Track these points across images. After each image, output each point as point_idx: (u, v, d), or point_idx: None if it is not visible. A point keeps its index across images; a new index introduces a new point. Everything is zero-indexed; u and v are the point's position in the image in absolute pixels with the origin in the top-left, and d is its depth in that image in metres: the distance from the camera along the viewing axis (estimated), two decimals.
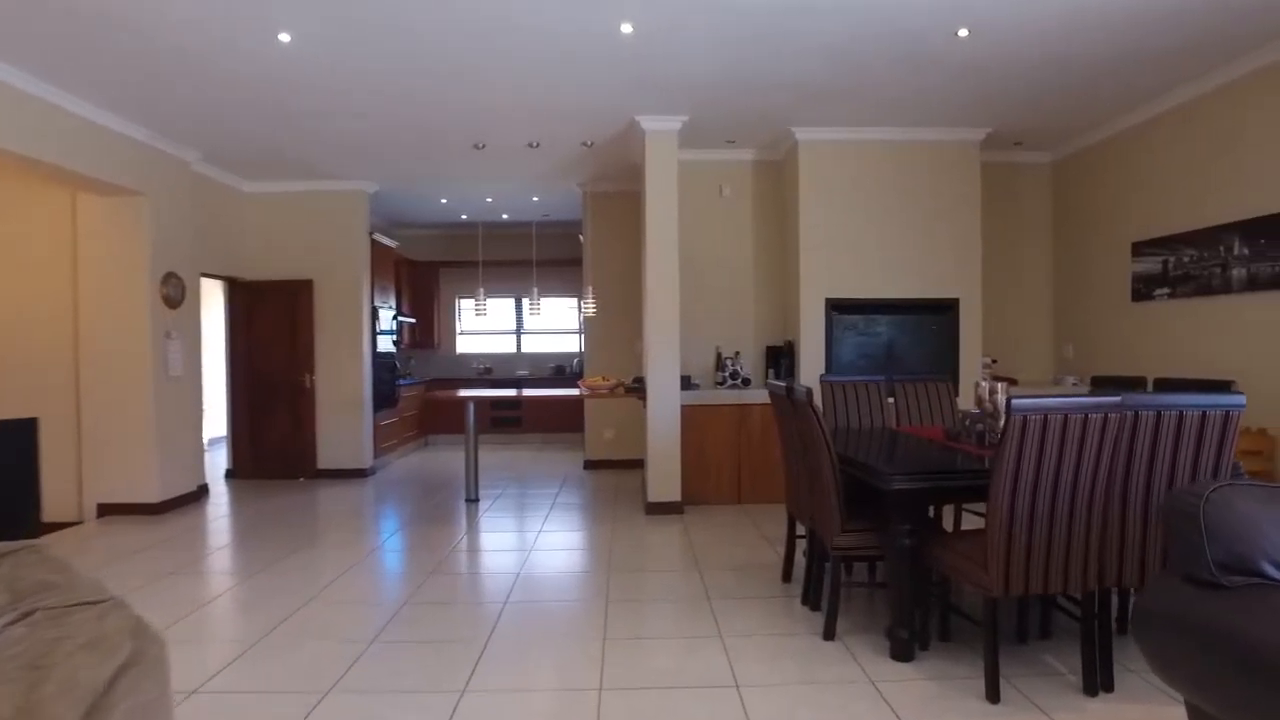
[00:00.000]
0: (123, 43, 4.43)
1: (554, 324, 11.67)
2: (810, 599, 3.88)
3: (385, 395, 9.12)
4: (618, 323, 8.53)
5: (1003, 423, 3.62)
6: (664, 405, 6.16)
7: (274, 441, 8.30)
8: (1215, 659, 1.75)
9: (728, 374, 6.72)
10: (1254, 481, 1.89)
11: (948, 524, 4.68)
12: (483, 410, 10.84)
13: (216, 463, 8.83)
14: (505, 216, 10.22)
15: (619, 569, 4.67)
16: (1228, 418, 2.77)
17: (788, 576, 4.33)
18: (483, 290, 7.53)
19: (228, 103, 5.51)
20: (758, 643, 3.45)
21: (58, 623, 1.54)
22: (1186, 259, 5.60)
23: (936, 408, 4.90)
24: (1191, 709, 1.94)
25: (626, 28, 4.35)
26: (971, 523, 5.10)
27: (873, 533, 3.43)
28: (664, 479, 6.17)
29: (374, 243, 8.64)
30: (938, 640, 3.39)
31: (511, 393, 8.12)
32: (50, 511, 6.11)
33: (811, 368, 6.45)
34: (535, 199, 9.12)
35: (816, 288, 6.49)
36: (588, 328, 8.73)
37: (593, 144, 6.71)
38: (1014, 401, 2.66)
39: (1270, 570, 1.73)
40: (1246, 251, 5.09)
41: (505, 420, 11.02)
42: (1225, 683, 1.74)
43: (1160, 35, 4.59)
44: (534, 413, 10.99)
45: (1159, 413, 2.77)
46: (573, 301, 11.35)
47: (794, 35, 4.53)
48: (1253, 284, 5.05)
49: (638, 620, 3.78)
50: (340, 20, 4.22)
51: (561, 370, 11.38)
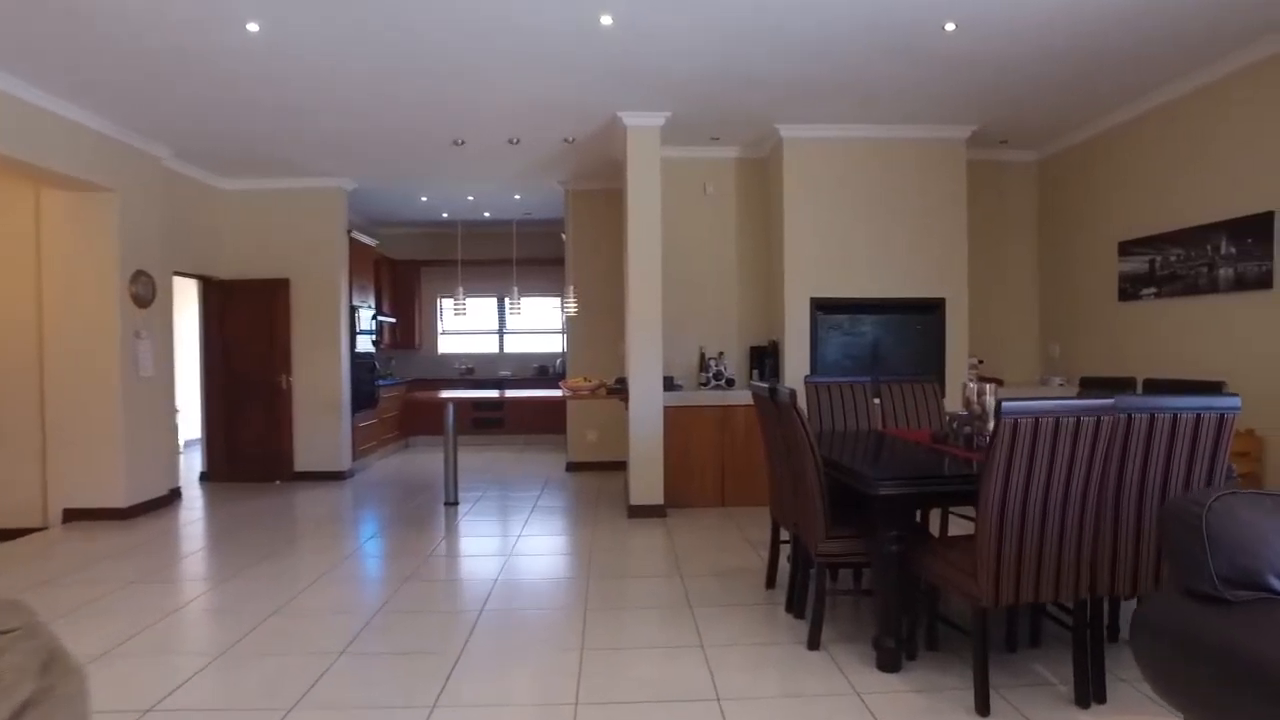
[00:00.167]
0: (85, 32, 4.28)
1: (537, 324, 11.54)
2: (794, 606, 3.78)
3: (364, 396, 8.97)
4: (601, 323, 8.42)
5: (991, 425, 3.55)
6: (646, 406, 6.05)
7: (250, 444, 8.14)
8: (1218, 678, 1.66)
9: (711, 374, 6.62)
10: (1259, 490, 1.80)
11: (934, 527, 4.60)
12: (464, 411, 10.70)
13: (191, 465, 8.66)
14: (487, 215, 10.08)
15: (599, 575, 4.55)
16: (1222, 420, 2.69)
17: (771, 582, 4.23)
18: (462, 289, 7.40)
19: (198, 96, 5.35)
20: (740, 653, 3.34)
21: None
22: (1173, 258, 5.55)
23: (923, 409, 4.81)
24: None
25: (606, 19, 4.24)
26: (958, 525, 5.03)
27: (859, 539, 3.34)
28: (646, 481, 6.06)
29: (353, 241, 8.49)
30: (925, 650, 3.29)
31: (493, 394, 7.98)
32: (12, 517, 5.94)
33: (796, 368, 6.36)
34: (517, 197, 8.98)
35: (801, 287, 6.40)
36: (570, 328, 8.62)
37: (574, 140, 6.59)
38: (1004, 404, 2.57)
39: (1277, 584, 1.65)
40: (1233, 251, 5.04)
41: (487, 421, 10.88)
42: (1228, 703, 1.65)
43: (1147, 32, 4.52)
44: (516, 414, 10.86)
45: (1152, 415, 2.69)
46: (556, 301, 11.21)
47: (778, 28, 4.43)
48: (1239, 283, 5.00)
49: (617, 629, 3.67)
50: (308, 9, 4.08)
51: (545, 371, 11.25)
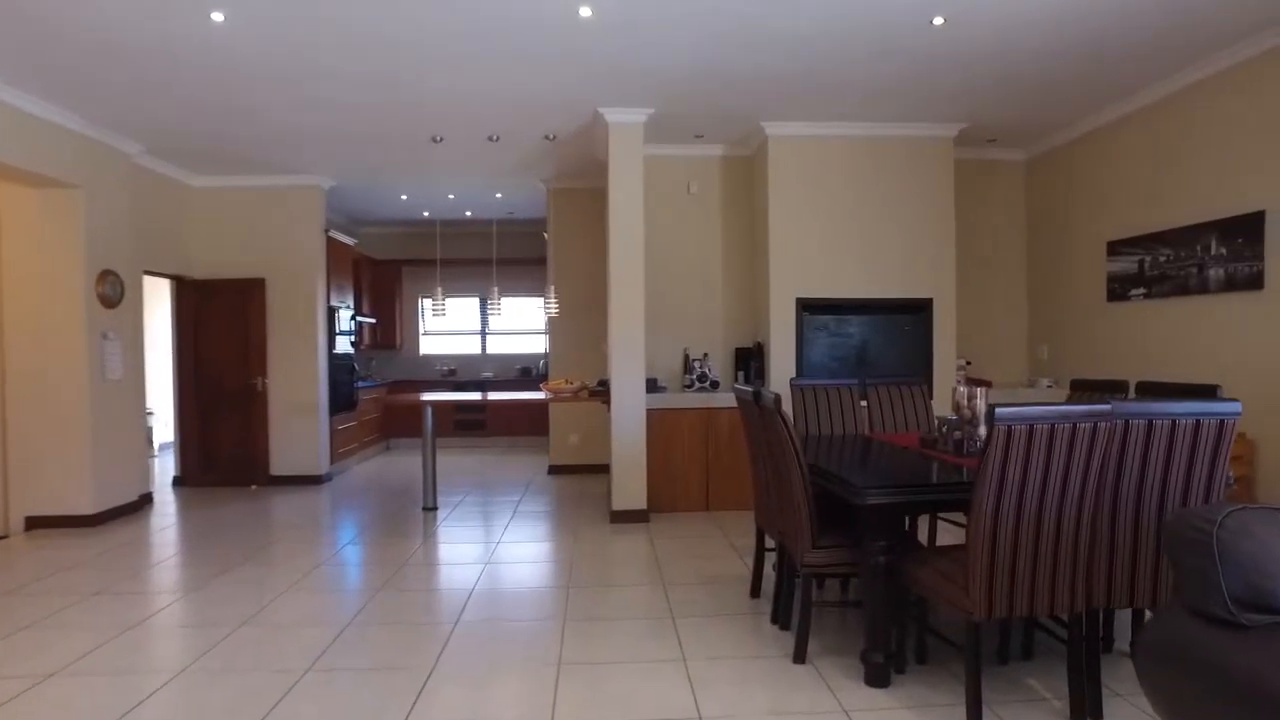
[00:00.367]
0: (41, 20, 4.10)
1: (520, 324, 11.39)
2: (780, 617, 3.66)
3: (343, 398, 8.79)
4: (584, 323, 8.29)
5: (982, 429, 3.45)
6: (628, 409, 5.92)
7: (224, 447, 7.95)
8: (1231, 706, 1.55)
9: (695, 376, 6.50)
10: (1273, 506, 1.69)
11: (922, 532, 4.50)
12: (446, 413, 10.54)
13: (166, 469, 8.45)
14: (468, 214, 9.92)
15: (579, 584, 4.42)
16: (1222, 427, 2.59)
17: (756, 591, 4.11)
18: (440, 289, 7.23)
19: (163, 90, 5.17)
20: (723, 667, 3.22)
21: None
22: (1163, 259, 5.47)
23: (911, 412, 4.71)
24: None
25: (585, 11, 4.10)
26: (947, 531, 4.93)
27: (846, 549, 3.22)
28: (629, 486, 5.93)
29: (330, 240, 8.30)
30: (915, 663, 3.18)
31: (475, 396, 7.83)
32: None
33: (781, 369, 6.25)
34: (498, 195, 8.83)
35: (787, 287, 6.29)
36: (552, 328, 8.48)
37: (555, 137, 6.45)
38: (997, 410, 2.45)
39: None
40: (1224, 251, 4.97)
41: (469, 423, 10.72)
42: None
43: (1137, 27, 4.43)
44: (498, 416, 10.70)
45: (1150, 421, 2.59)
46: (539, 301, 11.07)
47: (763, 21, 4.31)
48: (1230, 284, 4.93)
49: (597, 642, 3.54)
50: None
51: (528, 372, 11.10)
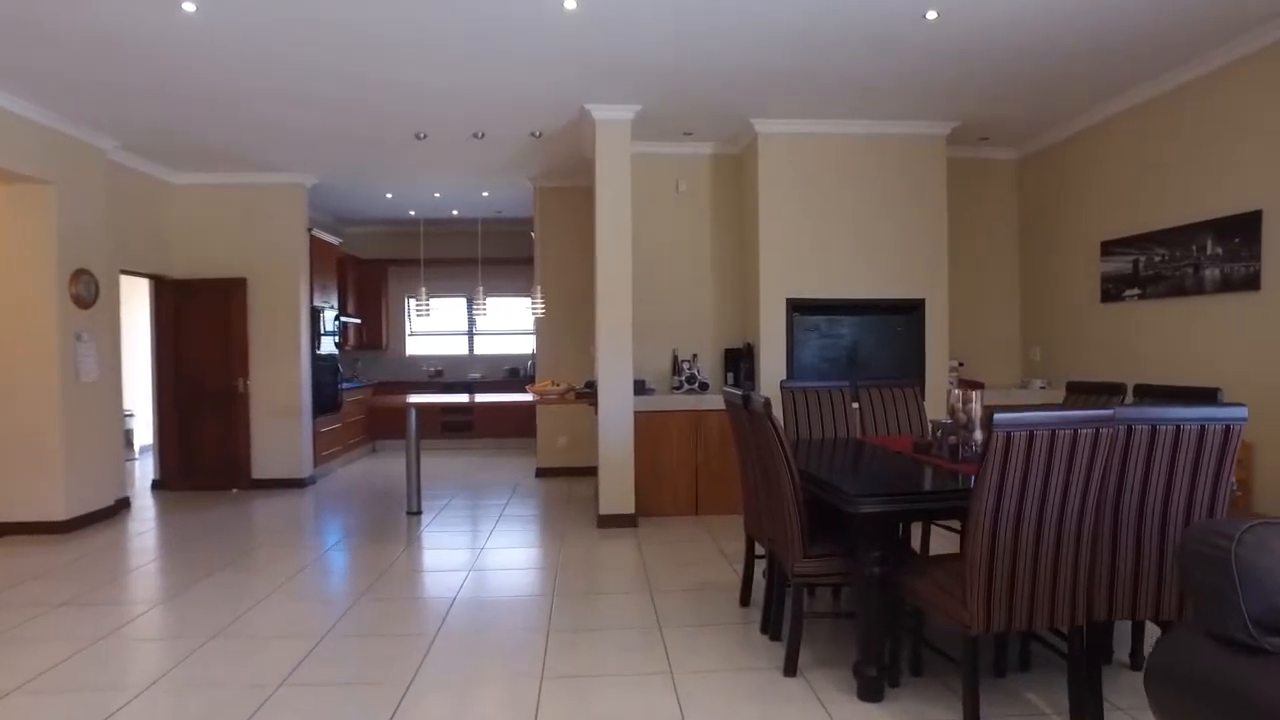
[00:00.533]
0: (4, 8, 3.96)
1: (508, 325, 11.26)
2: (770, 627, 3.55)
3: (327, 400, 8.65)
4: (571, 324, 8.17)
5: (978, 433, 3.35)
6: (616, 411, 5.81)
7: (205, 450, 7.79)
8: None
9: (684, 378, 6.39)
10: None
11: (915, 537, 4.40)
12: (433, 415, 10.40)
13: (145, 473, 8.29)
14: (455, 213, 9.78)
15: (565, 592, 4.31)
16: (1228, 433, 2.50)
17: (746, 600, 4.01)
18: (424, 289, 7.11)
19: (136, 83, 5.02)
20: (712, 680, 3.11)
21: None
22: (1158, 259, 5.40)
23: (904, 415, 4.62)
24: None
25: (570, 3, 3.98)
26: (941, 535, 4.84)
27: (838, 558, 3.12)
28: (616, 490, 5.82)
29: (314, 239, 8.16)
30: (909, 675, 3.08)
31: (461, 398, 7.70)
32: None
33: (772, 371, 6.15)
34: (485, 194, 8.70)
35: (777, 287, 6.19)
36: (539, 329, 8.36)
37: (541, 135, 6.33)
38: (996, 416, 2.35)
39: None
40: (1220, 251, 4.90)
41: (456, 425, 10.59)
42: None
43: (1132, 24, 4.35)
44: (486, 417, 10.57)
45: (1154, 427, 2.50)
46: (527, 301, 10.93)
47: (753, 16, 4.20)
48: (1226, 284, 4.86)
49: (581, 654, 3.43)
50: None
51: (515, 373, 10.97)
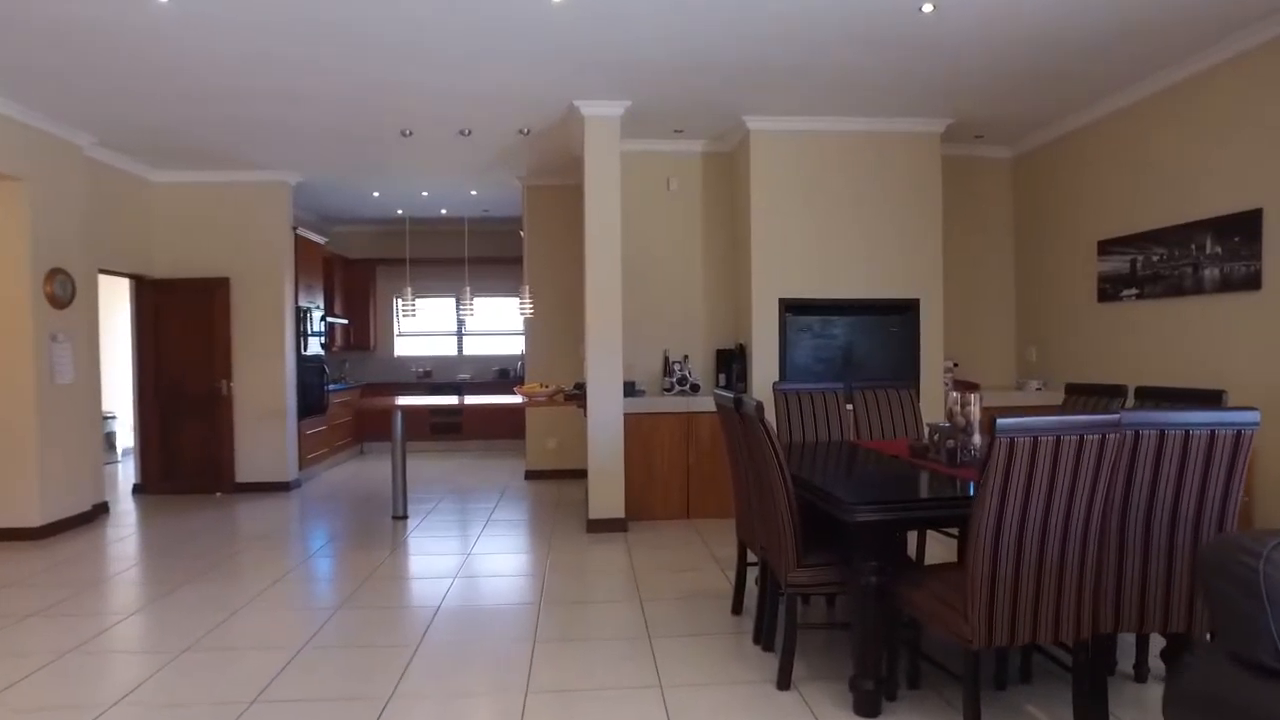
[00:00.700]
0: None
1: (498, 325, 11.13)
2: (763, 637, 3.44)
3: (313, 402, 8.51)
4: (561, 325, 8.06)
5: (976, 438, 3.25)
6: (606, 414, 5.69)
7: (187, 453, 7.65)
8: None
9: (675, 379, 6.28)
10: None
11: (909, 541, 4.30)
12: (422, 416, 10.26)
13: (129, 476, 8.13)
14: (443, 211, 9.64)
15: (552, 600, 4.19)
16: (1239, 438, 2.40)
17: (738, 608, 3.89)
18: (411, 289, 6.98)
19: (111, 78, 4.88)
20: (703, 694, 3.00)
21: None
22: (1156, 258, 5.31)
23: (899, 417, 4.52)
24: None
25: None
26: (937, 540, 4.75)
27: (833, 567, 3.01)
28: (606, 494, 5.70)
29: (299, 238, 8.01)
30: (907, 688, 2.98)
31: (449, 400, 7.58)
32: None
33: (764, 372, 6.04)
34: (473, 193, 8.58)
35: (769, 287, 6.08)
36: (529, 330, 8.24)
37: (529, 132, 6.21)
38: (999, 422, 2.25)
39: None
40: (1220, 250, 4.81)
41: (445, 426, 10.45)
42: None
43: (1131, 19, 4.25)
44: (475, 419, 10.44)
45: (1162, 432, 2.40)
46: (516, 302, 10.81)
47: (745, 9, 4.09)
48: (1226, 284, 4.77)
49: (568, 666, 3.31)
50: None
51: (505, 373, 10.84)
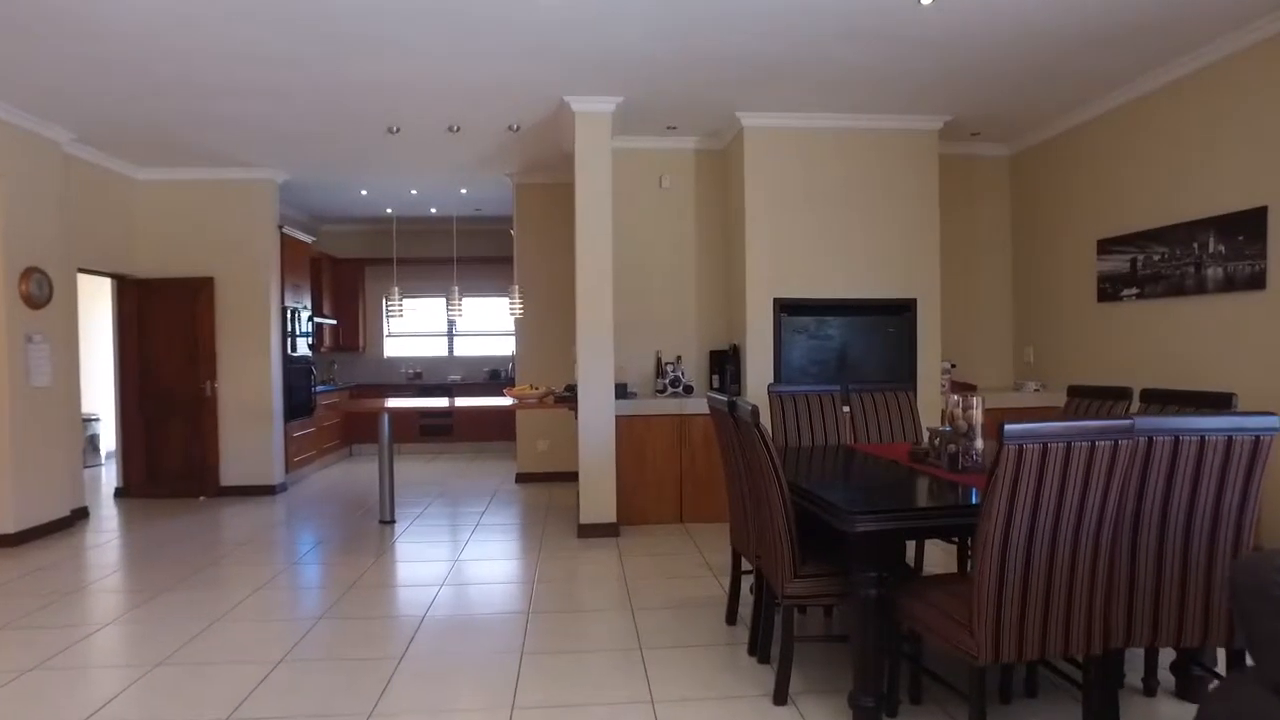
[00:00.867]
0: None
1: (489, 325, 10.99)
2: (758, 649, 3.33)
3: (300, 403, 8.36)
4: (552, 325, 7.93)
5: (978, 442, 3.14)
6: (597, 416, 5.56)
7: (171, 456, 7.49)
8: None
9: (668, 381, 6.16)
10: None
11: (907, 549, 4.19)
12: (411, 418, 10.12)
13: (112, 479, 7.97)
14: (433, 210, 9.50)
15: (541, 609, 4.06)
16: (1257, 444, 2.29)
17: (732, 618, 3.77)
18: (397, 289, 6.85)
19: (85, 71, 4.73)
20: (697, 710, 2.88)
21: None
22: (1157, 257, 5.21)
23: (897, 420, 4.41)
24: None
25: None
26: (935, 549, 4.65)
27: (831, 577, 2.90)
28: (597, 498, 5.58)
29: (285, 237, 7.87)
30: (908, 704, 2.86)
31: (439, 402, 7.44)
32: None
33: (759, 373, 5.92)
34: (464, 191, 8.44)
35: (764, 287, 5.97)
36: (519, 330, 8.11)
37: (519, 128, 6.08)
38: (1007, 428, 2.14)
39: None
40: (1223, 249, 4.71)
41: (435, 428, 10.31)
42: None
43: (1133, 12, 4.15)
44: (466, 420, 10.31)
45: (1176, 438, 2.29)
46: (507, 302, 10.68)
47: (740, 1, 3.98)
48: (1230, 284, 4.67)
49: (555, 680, 3.18)
50: None
51: (497, 375, 10.70)
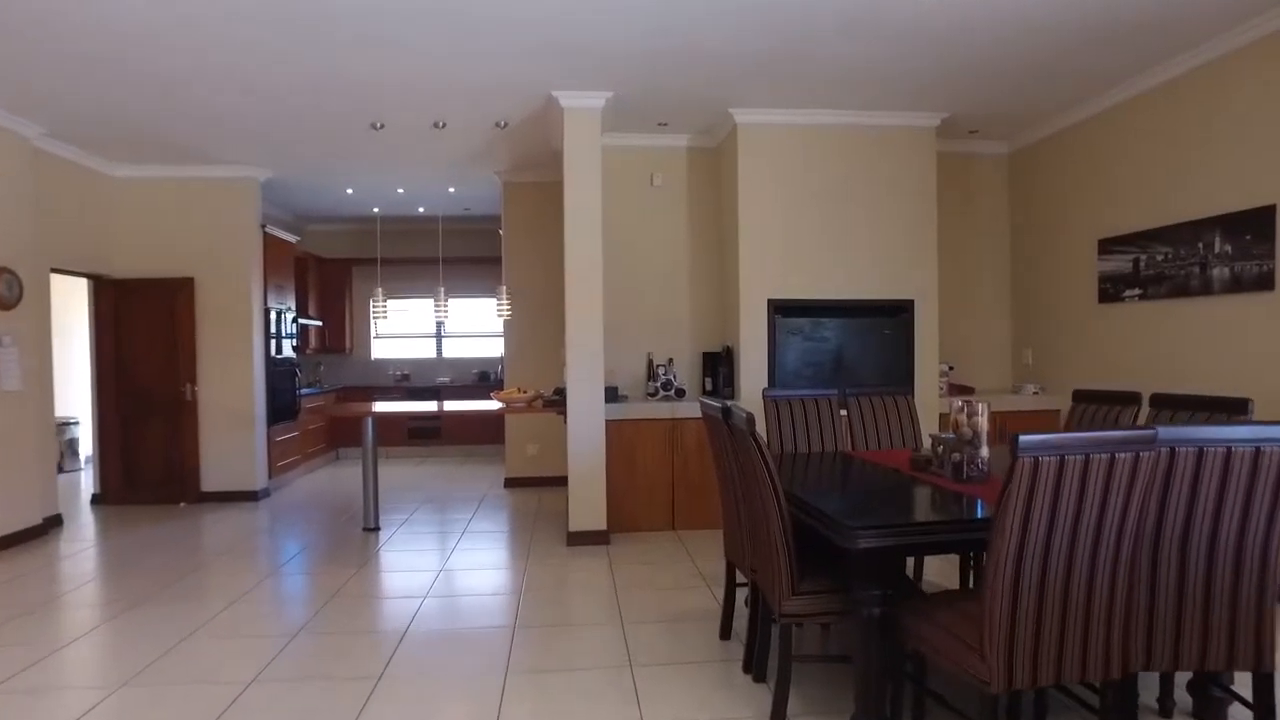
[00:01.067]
0: None
1: (478, 327, 10.83)
2: (754, 666, 3.18)
3: (284, 406, 8.17)
4: (541, 327, 7.76)
5: (984, 450, 3.01)
6: (586, 421, 5.41)
7: (150, 461, 7.30)
8: None
9: (660, 384, 6.01)
10: None
11: (905, 562, 4.06)
12: (399, 420, 9.94)
13: (87, 486, 7.78)
14: (421, 210, 9.33)
15: (527, 623, 3.90)
16: None
17: (726, 633, 3.63)
18: (381, 290, 6.69)
19: (52, 62, 4.55)
20: None
21: None
22: (1160, 257, 5.09)
23: (895, 425, 4.27)
24: None
25: None
26: (934, 562, 4.51)
27: (831, 594, 2.75)
28: (587, 505, 5.42)
29: (268, 236, 7.69)
30: None
31: (426, 406, 7.27)
32: None
33: (753, 376, 5.78)
34: (451, 190, 8.28)
35: (758, 288, 5.82)
36: (508, 332, 7.94)
37: (507, 125, 5.92)
38: (1022, 439, 1.99)
39: None
40: (1229, 249, 4.59)
41: (423, 431, 10.13)
42: None
43: (1137, 8, 4.02)
44: (454, 423, 10.13)
45: (1201, 450, 2.15)
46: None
47: None
48: (1236, 284, 4.55)
49: (542, 702, 3.03)
50: None
51: (486, 376, 10.53)
